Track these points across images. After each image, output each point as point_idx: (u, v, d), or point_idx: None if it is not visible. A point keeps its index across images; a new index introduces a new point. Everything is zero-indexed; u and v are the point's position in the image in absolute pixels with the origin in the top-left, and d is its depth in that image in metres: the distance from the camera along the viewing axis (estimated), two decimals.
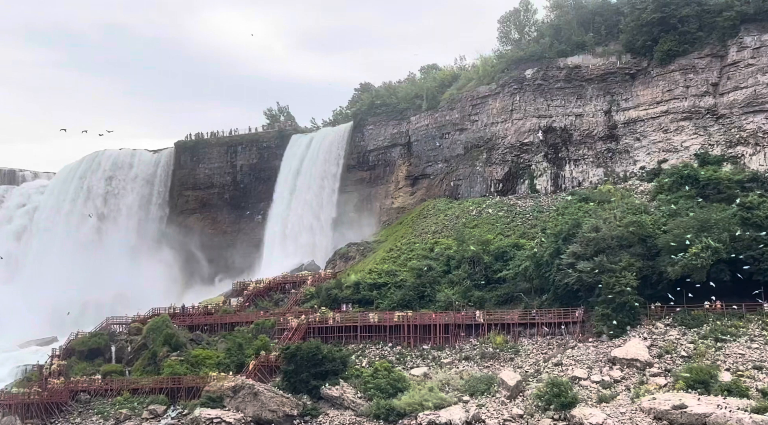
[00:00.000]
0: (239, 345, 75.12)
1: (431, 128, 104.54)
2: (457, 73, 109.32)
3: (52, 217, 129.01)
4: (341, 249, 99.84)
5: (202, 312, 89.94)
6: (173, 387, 70.07)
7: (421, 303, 77.47)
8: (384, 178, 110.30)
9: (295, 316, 78.66)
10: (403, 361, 69.56)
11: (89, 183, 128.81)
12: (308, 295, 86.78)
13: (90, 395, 71.92)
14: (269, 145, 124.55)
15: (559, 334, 66.56)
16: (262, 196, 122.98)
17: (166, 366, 73.32)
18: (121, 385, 72.59)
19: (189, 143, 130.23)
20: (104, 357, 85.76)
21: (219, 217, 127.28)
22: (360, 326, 74.68)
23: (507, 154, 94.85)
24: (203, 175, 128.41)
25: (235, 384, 64.46)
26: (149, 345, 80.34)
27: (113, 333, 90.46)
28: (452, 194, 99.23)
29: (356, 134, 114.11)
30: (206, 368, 73.01)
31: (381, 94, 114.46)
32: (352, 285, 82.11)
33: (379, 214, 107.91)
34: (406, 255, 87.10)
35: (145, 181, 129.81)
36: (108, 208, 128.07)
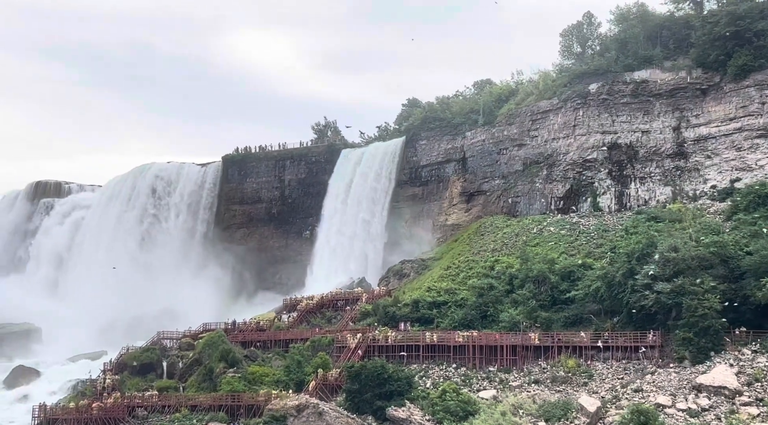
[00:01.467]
0: (298, 363, 73.88)
1: (488, 143, 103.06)
2: (515, 88, 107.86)
3: (98, 230, 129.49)
4: (395, 266, 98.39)
5: (254, 328, 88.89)
6: (232, 405, 68.89)
7: (483, 323, 75.56)
8: (437, 194, 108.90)
9: (352, 334, 77.28)
10: (469, 383, 67.61)
11: (136, 196, 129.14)
12: (364, 313, 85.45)
13: (147, 411, 71.01)
14: (318, 160, 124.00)
15: (635, 359, 64.15)
16: (310, 212, 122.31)
17: (224, 383, 72.26)
18: (178, 401, 71.57)
19: (237, 157, 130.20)
20: (156, 372, 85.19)
21: (266, 232, 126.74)
22: (422, 345, 72.95)
23: (569, 171, 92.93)
24: (250, 190, 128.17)
25: (299, 403, 62.99)
26: (204, 360, 79.45)
27: (164, 348, 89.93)
28: (510, 211, 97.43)
29: (408, 149, 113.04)
30: (264, 385, 71.90)
31: (434, 108, 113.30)
32: (411, 304, 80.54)
33: (433, 231, 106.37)
34: (465, 273, 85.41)
35: (192, 194, 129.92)
36: (154, 222, 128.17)
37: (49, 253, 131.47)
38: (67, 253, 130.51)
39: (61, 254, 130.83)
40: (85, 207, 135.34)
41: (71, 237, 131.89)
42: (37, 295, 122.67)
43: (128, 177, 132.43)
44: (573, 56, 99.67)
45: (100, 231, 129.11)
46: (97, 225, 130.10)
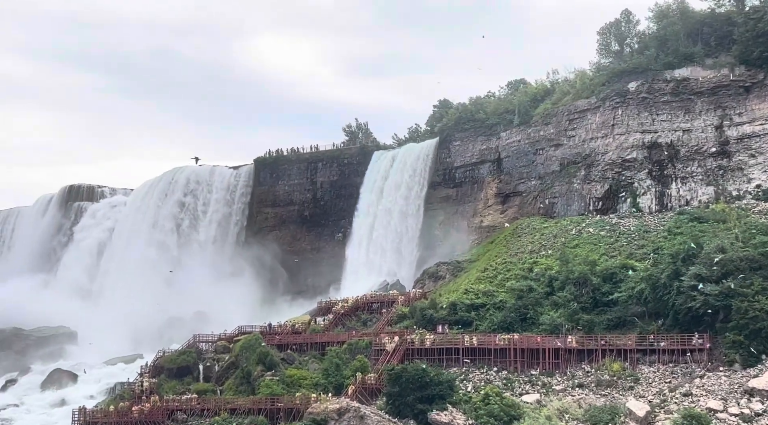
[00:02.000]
0: (336, 366, 73.53)
1: (523, 144, 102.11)
2: (550, 88, 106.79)
3: (131, 233, 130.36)
4: (430, 269, 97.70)
5: (289, 331, 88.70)
6: (272, 408, 68.66)
7: (523, 325, 74.65)
8: (471, 195, 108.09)
9: (390, 337, 76.76)
10: (511, 387, 66.82)
11: (169, 199, 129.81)
12: (400, 316, 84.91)
13: (186, 414, 71.04)
14: (350, 162, 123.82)
15: (683, 362, 62.93)
16: (342, 214, 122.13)
17: (263, 386, 72.03)
18: (217, 405, 71.51)
19: (269, 159, 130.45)
20: (192, 375, 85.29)
21: (298, 235, 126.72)
22: (462, 348, 72.27)
23: (607, 171, 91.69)
24: (282, 192, 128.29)
25: (340, 406, 62.52)
26: (241, 363, 79.37)
27: (200, 351, 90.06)
28: (547, 212, 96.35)
29: (442, 150, 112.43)
30: (303, 389, 71.59)
31: (468, 109, 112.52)
32: (448, 306, 79.86)
33: (467, 233, 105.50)
34: (503, 275, 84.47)
35: (224, 197, 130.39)
36: (187, 225, 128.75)
37: (82, 257, 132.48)
38: (100, 257, 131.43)
39: (94, 257, 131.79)
40: (117, 210, 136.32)
41: (104, 241, 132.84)
42: (70, 299, 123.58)
43: (161, 180, 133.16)
44: (611, 54, 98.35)
45: (133, 234, 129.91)
46: (129, 228, 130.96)
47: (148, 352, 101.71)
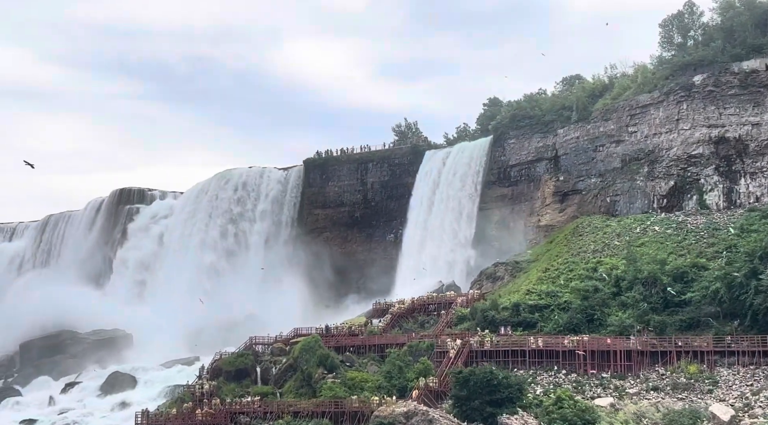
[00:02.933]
0: (399, 368, 72.65)
1: (582, 140, 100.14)
2: (608, 83, 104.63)
3: (182, 236, 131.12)
4: (488, 269, 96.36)
5: (346, 332, 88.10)
6: (336, 411, 68.04)
7: (590, 327, 73.02)
8: (528, 194, 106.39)
9: (453, 339, 75.63)
10: (581, 390, 65.31)
11: (220, 201, 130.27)
12: (460, 317, 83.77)
13: (249, 417, 70.79)
14: (402, 162, 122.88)
15: (765, 364, 60.79)
16: (394, 214, 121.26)
17: (326, 389, 71.50)
18: (279, 408, 71.17)
19: (318, 160, 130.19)
20: (250, 377, 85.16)
21: (349, 236, 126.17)
22: (528, 350, 70.87)
23: (672, 167, 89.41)
24: (333, 193, 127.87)
25: (407, 410, 61.56)
26: (300, 365, 78.92)
27: (256, 353, 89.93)
28: (608, 210, 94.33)
29: (496, 148, 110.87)
30: (365, 391, 70.86)
31: (523, 106, 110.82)
32: (511, 307, 78.48)
33: (524, 232, 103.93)
34: (566, 275, 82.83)
35: (274, 199, 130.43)
36: (238, 227, 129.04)
37: (134, 259, 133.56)
38: (151, 259, 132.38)
39: (146, 260, 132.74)
40: (168, 213, 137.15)
41: (156, 244, 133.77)
42: (123, 301, 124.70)
43: (211, 182, 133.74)
44: (673, 47, 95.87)
45: (185, 236, 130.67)
46: (181, 231, 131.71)
47: (202, 355, 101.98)
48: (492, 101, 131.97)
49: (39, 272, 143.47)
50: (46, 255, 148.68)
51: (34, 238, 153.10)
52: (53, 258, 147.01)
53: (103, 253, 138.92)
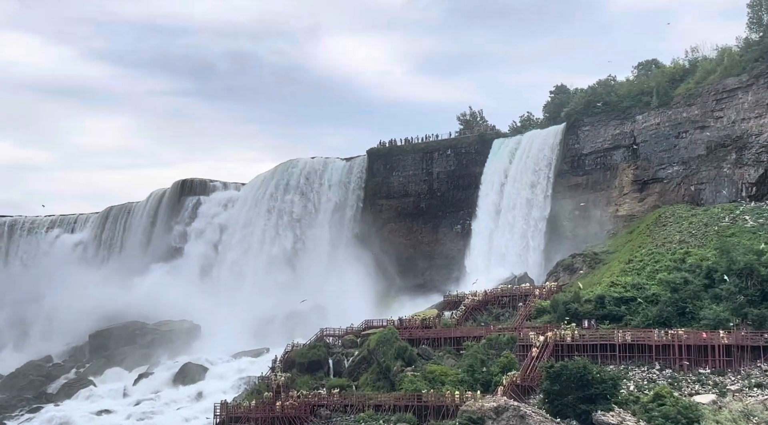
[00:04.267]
0: (482, 362, 70.86)
1: (663, 127, 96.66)
2: (689, 67, 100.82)
3: (246, 227, 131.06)
4: (565, 261, 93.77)
5: (419, 325, 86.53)
6: (419, 405, 66.51)
7: (681, 320, 70.14)
8: (604, 183, 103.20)
9: (536, 332, 73.42)
10: (678, 386, 62.56)
11: (283, 192, 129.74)
12: (539, 310, 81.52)
13: (330, 410, 69.71)
14: (468, 151, 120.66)
15: None
16: (461, 205, 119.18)
17: (407, 382, 70.04)
18: (360, 401, 69.94)
19: (382, 150, 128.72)
20: (323, 369, 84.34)
21: (414, 227, 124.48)
22: (618, 345, 68.28)
23: (762, 154, 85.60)
24: (397, 183, 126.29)
25: (497, 405, 59.75)
26: (377, 358, 77.61)
27: (328, 345, 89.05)
28: (693, 200, 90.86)
29: (570, 136, 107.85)
30: (447, 385, 69.22)
31: (597, 92, 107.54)
32: (595, 300, 75.91)
33: (600, 223, 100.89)
34: (651, 266, 79.86)
35: (338, 190, 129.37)
36: (302, 217, 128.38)
37: (199, 251, 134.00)
38: (215, 250, 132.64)
39: (211, 251, 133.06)
40: (231, 204, 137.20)
41: (219, 234, 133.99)
42: (187, 292, 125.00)
43: (274, 173, 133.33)
44: (762, 28, 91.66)
45: (248, 227, 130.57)
46: (244, 221, 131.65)
47: (270, 346, 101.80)
48: (559, 89, 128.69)
49: (102, 263, 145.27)
50: (109, 246, 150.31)
51: (95, 230, 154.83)
52: (116, 249, 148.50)
53: (166, 244, 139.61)
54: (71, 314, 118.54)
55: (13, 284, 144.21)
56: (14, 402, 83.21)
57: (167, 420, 73.06)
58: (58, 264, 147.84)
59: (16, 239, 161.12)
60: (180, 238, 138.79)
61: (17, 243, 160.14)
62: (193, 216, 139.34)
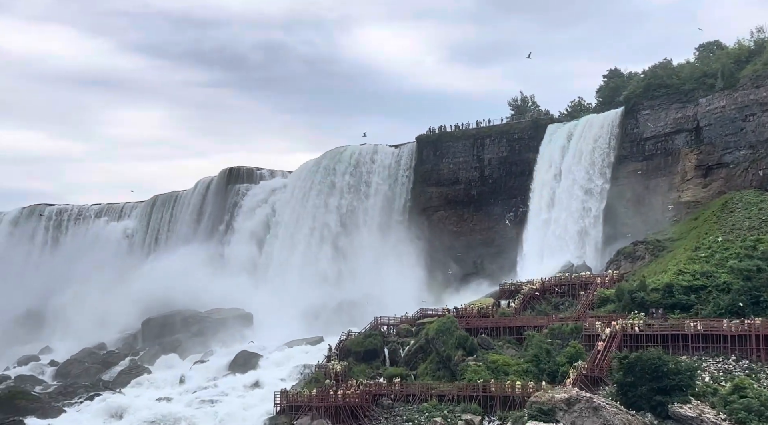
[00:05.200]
0: (547, 352, 69.34)
1: (729, 110, 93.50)
2: (755, 48, 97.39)
3: (294, 214, 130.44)
4: (626, 248, 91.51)
5: (476, 314, 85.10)
6: (484, 395, 65.26)
7: (755, 309, 67.81)
8: (665, 168, 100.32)
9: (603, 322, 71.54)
10: (756, 378, 60.41)
11: (332, 179, 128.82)
12: (603, 298, 79.56)
13: (391, 400, 68.83)
14: (521, 137, 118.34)
15: None
16: (513, 192, 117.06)
17: (470, 372, 68.88)
18: (422, 391, 68.93)
19: (431, 137, 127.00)
20: (379, 358, 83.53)
21: (465, 215, 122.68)
22: (690, 335, 66.18)
23: None
24: (447, 170, 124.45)
25: (569, 396, 58.28)
26: (436, 347, 76.48)
27: (383, 334, 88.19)
28: (762, 185, 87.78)
29: (628, 121, 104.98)
30: (511, 375, 67.87)
31: (658, 75, 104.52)
32: (662, 288, 73.71)
33: (662, 209, 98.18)
34: (720, 254, 77.26)
35: (387, 177, 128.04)
36: (350, 205, 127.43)
37: (246, 239, 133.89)
38: (264, 239, 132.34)
39: (259, 239, 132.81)
40: (279, 192, 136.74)
41: (267, 223, 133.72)
42: (238, 281, 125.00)
43: (322, 160, 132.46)
44: None
45: (296, 215, 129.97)
46: (292, 209, 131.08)
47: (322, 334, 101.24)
48: (612, 73, 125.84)
49: (150, 251, 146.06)
50: (156, 234, 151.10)
51: (142, 218, 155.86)
52: (163, 237, 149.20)
53: (214, 232, 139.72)
54: (123, 301, 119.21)
55: (62, 271, 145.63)
56: (72, 389, 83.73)
57: (227, 407, 72.71)
58: (107, 252, 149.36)
59: (64, 227, 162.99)
60: (227, 226, 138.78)
61: (65, 231, 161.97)
62: (240, 204, 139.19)
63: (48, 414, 74.37)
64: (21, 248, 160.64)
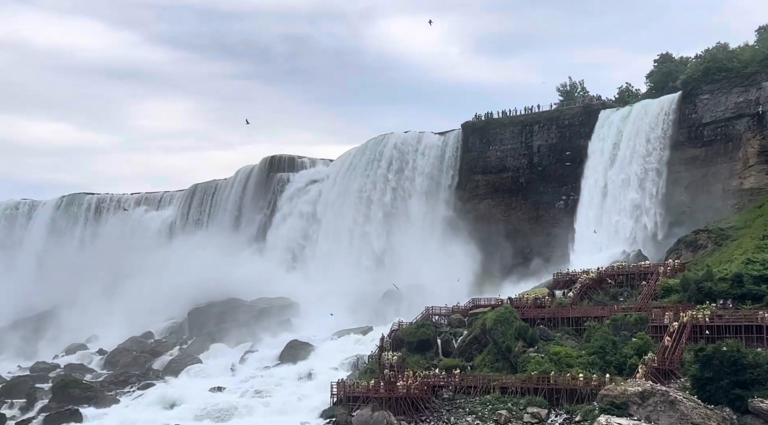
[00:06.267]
0: (613, 344, 67.37)
1: None
2: None
3: (337, 203, 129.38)
4: (687, 237, 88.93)
5: (531, 304, 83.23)
6: (549, 388, 63.53)
7: None
8: (725, 155, 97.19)
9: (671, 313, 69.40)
10: None
11: (375, 167, 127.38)
12: (666, 288, 77.27)
13: (452, 391, 67.38)
14: (572, 123, 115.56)
15: None
16: (564, 180, 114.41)
17: (534, 363, 67.19)
18: (483, 382, 67.38)
19: (478, 124, 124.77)
20: (432, 349, 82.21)
21: (513, 203, 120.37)
22: (766, 326, 63.76)
23: None
24: (494, 158, 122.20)
25: (643, 389, 56.41)
26: (495, 338, 74.81)
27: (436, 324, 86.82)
28: None
29: (686, 106, 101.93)
30: (576, 367, 66.06)
31: (718, 58, 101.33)
32: (731, 278, 71.24)
33: (722, 197, 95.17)
34: None
35: (432, 165, 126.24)
36: (395, 193, 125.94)
37: (289, 228, 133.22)
38: (307, 228, 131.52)
39: (301, 227, 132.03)
40: (321, 180, 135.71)
41: (310, 210, 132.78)
42: (279, 269, 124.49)
43: (366, 148, 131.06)
44: None
45: (340, 204, 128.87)
46: (335, 198, 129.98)
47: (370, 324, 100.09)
48: (663, 57, 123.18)
49: (191, 239, 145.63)
50: (196, 223, 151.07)
51: (181, 207, 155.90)
52: (203, 225, 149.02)
53: (256, 221, 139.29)
54: (167, 290, 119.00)
55: (101, 260, 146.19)
56: (123, 378, 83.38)
57: (283, 397, 71.73)
58: (148, 241, 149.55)
59: (103, 216, 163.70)
60: (269, 215, 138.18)
61: (105, 221, 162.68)
62: (282, 192, 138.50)
63: (102, 403, 74.00)
64: (61, 236, 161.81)
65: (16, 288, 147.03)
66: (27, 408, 76.87)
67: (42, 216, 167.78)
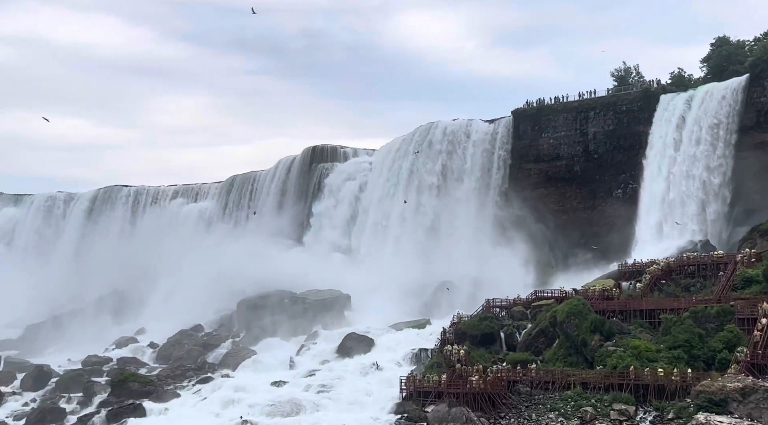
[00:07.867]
0: (699, 337, 64.70)
1: None
2: None
3: (384, 193, 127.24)
4: (762, 225, 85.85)
5: (598, 296, 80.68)
6: (636, 384, 61.01)
7: None
8: None
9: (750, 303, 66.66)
10: None
11: (424, 156, 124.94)
12: (746, 279, 74.31)
13: (529, 387, 65.09)
14: (630, 109, 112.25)
15: None
16: (622, 168, 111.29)
17: (615, 358, 64.70)
18: (561, 377, 65.00)
19: (530, 111, 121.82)
20: (496, 343, 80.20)
21: (567, 193, 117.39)
22: None
23: None
24: (547, 146, 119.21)
25: (744, 385, 53.92)
26: (566, 331, 72.42)
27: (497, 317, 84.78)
28: None
29: (754, 89, 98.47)
30: (659, 362, 63.47)
31: None
32: None
33: None
34: None
35: (482, 153, 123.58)
36: (444, 183, 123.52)
37: (334, 218, 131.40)
38: (353, 219, 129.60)
39: (347, 219, 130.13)
40: (366, 170, 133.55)
41: (355, 200, 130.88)
42: (328, 262, 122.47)
43: (413, 136, 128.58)
44: None
45: (387, 194, 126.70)
46: (382, 188, 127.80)
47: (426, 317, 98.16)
48: (720, 40, 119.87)
49: (231, 232, 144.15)
50: (236, 215, 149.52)
51: (219, 199, 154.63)
52: (244, 217, 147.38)
53: (299, 212, 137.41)
54: (213, 282, 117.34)
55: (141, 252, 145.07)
56: (180, 371, 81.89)
57: (348, 391, 69.79)
58: (187, 233, 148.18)
59: (141, 208, 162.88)
60: (312, 205, 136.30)
61: (143, 213, 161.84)
62: (325, 182, 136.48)
63: (162, 398, 72.47)
64: (99, 229, 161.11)
65: (54, 281, 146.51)
66: (85, 403, 75.62)
67: (79, 209, 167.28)
